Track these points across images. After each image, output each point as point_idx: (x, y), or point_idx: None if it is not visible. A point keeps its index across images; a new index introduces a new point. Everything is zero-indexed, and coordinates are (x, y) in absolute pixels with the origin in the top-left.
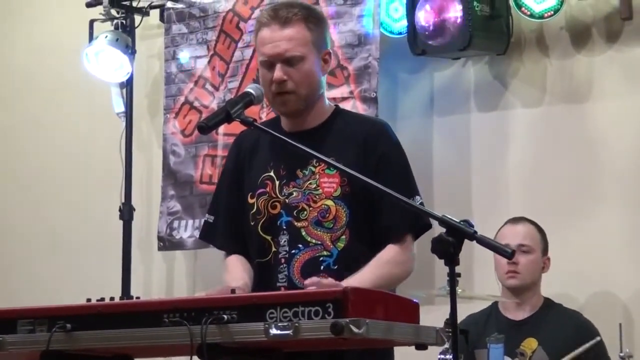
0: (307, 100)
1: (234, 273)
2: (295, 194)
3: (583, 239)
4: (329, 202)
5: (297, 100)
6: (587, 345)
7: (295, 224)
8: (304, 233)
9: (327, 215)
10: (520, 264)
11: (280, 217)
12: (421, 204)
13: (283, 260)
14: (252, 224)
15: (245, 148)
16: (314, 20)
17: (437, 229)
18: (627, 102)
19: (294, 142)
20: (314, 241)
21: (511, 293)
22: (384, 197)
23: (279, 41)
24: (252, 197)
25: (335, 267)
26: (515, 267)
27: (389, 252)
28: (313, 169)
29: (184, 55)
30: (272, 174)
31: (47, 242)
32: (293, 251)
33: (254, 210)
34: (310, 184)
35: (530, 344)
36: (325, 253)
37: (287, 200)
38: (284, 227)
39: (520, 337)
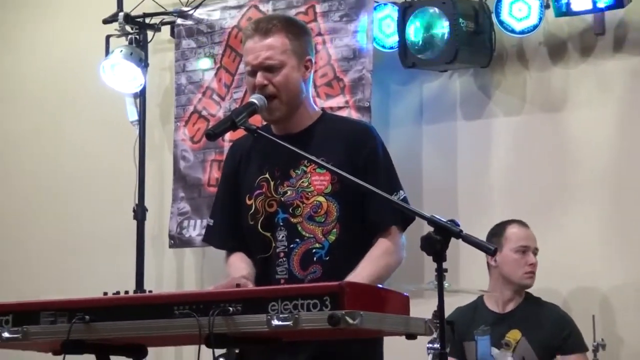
0: (290, 103)
1: (237, 266)
2: (289, 192)
3: (561, 237)
4: (321, 198)
5: (280, 104)
6: None
7: (291, 220)
8: (299, 228)
9: (319, 210)
10: (534, 265)
11: (277, 214)
12: (404, 198)
13: (282, 255)
14: (252, 223)
15: (240, 155)
16: (294, 30)
17: (426, 228)
18: (599, 111)
19: (290, 146)
20: (307, 235)
21: (515, 290)
22: (371, 194)
23: (260, 51)
24: (249, 199)
25: (327, 258)
26: (533, 268)
27: (381, 246)
28: (305, 168)
29: (194, 65)
30: (267, 175)
31: (67, 240)
32: (292, 245)
33: (253, 210)
34: (302, 182)
35: (514, 335)
36: (317, 245)
37: (282, 199)
38: (281, 224)
39: (505, 328)
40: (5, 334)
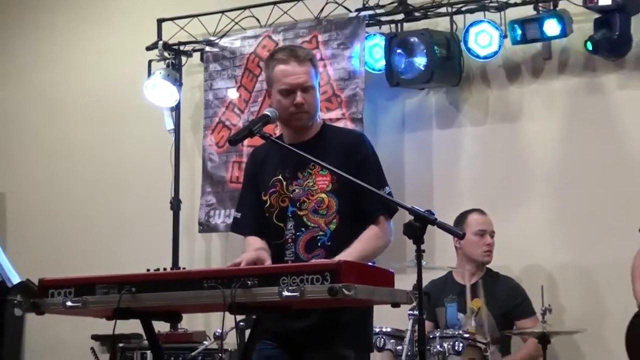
0: (313, 117)
1: (252, 242)
2: (297, 190)
3: (515, 224)
4: (323, 195)
5: (309, 118)
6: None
7: (299, 212)
8: (305, 219)
9: (322, 205)
10: (491, 245)
11: (288, 208)
12: (390, 192)
13: (290, 241)
14: (267, 215)
15: (258, 160)
16: (314, 62)
17: (407, 217)
18: (547, 122)
19: (299, 151)
20: (312, 225)
21: (477, 266)
22: (363, 190)
23: (300, 74)
24: (265, 195)
25: (329, 243)
26: (490, 248)
27: (370, 231)
28: (310, 170)
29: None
30: (280, 177)
31: (117, 228)
32: (298, 233)
33: (268, 204)
34: (308, 182)
35: (476, 303)
36: (321, 233)
37: (292, 195)
38: (290, 216)
39: (469, 298)
40: (69, 303)
